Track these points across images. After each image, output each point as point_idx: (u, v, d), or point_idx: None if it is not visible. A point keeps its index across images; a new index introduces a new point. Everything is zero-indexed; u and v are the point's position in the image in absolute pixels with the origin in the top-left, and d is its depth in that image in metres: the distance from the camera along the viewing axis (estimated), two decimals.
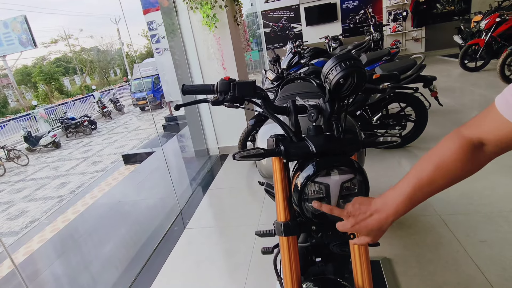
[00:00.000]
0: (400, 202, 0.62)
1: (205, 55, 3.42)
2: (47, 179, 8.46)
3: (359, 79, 0.80)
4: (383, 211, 0.63)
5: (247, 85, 0.87)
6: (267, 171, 1.14)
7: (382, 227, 0.64)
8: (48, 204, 6.92)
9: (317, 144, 0.78)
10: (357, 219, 0.65)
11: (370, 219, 0.64)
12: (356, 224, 0.65)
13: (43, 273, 2.63)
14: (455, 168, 0.58)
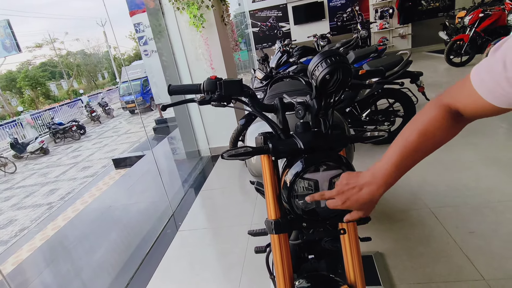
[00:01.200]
0: (389, 171, 0.63)
1: (193, 55, 3.40)
2: (35, 186, 8.29)
3: (344, 75, 0.80)
4: (373, 183, 0.64)
5: (233, 84, 0.86)
6: (256, 170, 1.14)
7: (373, 199, 0.65)
8: (37, 211, 6.78)
9: (305, 140, 0.78)
10: (347, 194, 0.65)
11: (361, 193, 0.65)
12: (347, 200, 0.65)
13: (33, 282, 2.58)
14: (437, 134, 0.61)
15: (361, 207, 0.66)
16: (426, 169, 2.52)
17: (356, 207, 0.66)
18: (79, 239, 3.24)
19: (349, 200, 0.65)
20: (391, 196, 2.22)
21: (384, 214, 2.04)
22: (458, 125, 0.62)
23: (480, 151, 2.57)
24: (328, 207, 0.69)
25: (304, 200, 0.78)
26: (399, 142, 0.64)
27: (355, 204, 0.65)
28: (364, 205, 0.66)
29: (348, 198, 0.65)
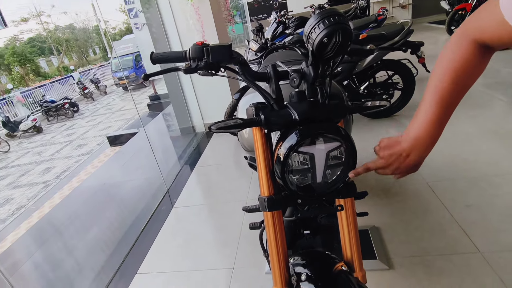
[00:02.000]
0: (432, 127, 0.59)
1: (185, 27, 3.23)
2: (30, 165, 8.24)
3: (344, 38, 0.72)
4: (418, 145, 0.61)
5: (221, 49, 0.78)
6: (249, 144, 1.08)
7: (422, 160, 0.63)
8: (34, 190, 6.76)
9: (300, 111, 0.71)
10: (396, 164, 0.63)
11: (409, 159, 0.62)
12: (397, 169, 0.64)
13: (30, 258, 2.58)
14: (470, 73, 0.57)
15: (412, 170, 0.65)
16: None
17: (407, 172, 0.65)
18: (75, 216, 3.23)
19: (399, 168, 0.63)
20: None
21: (381, 189, 2.01)
22: (486, 58, 0.57)
23: (479, 124, 2.52)
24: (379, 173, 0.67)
25: (299, 176, 0.73)
26: (433, 91, 0.58)
27: (405, 170, 0.64)
28: (415, 167, 0.64)
29: (397, 168, 0.63)
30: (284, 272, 0.78)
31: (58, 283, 2.21)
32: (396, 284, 1.36)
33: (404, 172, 0.65)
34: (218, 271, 1.65)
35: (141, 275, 1.76)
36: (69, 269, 2.33)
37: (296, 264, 0.81)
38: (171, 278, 1.68)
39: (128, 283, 1.70)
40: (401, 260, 1.47)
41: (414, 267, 1.43)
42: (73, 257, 2.47)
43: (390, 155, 0.63)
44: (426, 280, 1.35)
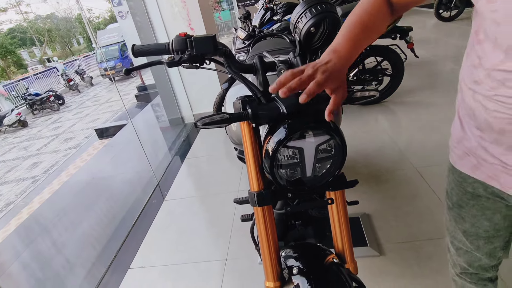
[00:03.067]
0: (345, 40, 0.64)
1: (170, 15, 3.14)
2: (17, 160, 8.06)
3: (332, 27, 0.70)
4: (336, 56, 0.61)
5: (205, 41, 0.75)
6: (238, 138, 1.06)
7: (341, 69, 0.61)
8: (22, 185, 6.64)
9: (288, 104, 0.69)
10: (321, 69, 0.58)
11: (330, 64, 0.59)
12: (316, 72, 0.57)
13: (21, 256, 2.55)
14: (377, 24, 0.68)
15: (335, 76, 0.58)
16: (413, 129, 2.50)
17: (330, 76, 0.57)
18: (64, 212, 3.19)
19: (320, 68, 0.57)
20: (379, 157, 2.21)
21: (371, 176, 2.03)
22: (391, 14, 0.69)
23: None
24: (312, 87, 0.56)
25: (289, 170, 0.72)
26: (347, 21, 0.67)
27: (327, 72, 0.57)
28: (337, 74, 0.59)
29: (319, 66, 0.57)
30: (276, 265, 0.77)
31: (49, 280, 2.19)
32: (387, 270, 1.39)
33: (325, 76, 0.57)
34: (211, 263, 1.66)
35: (133, 269, 1.75)
36: (60, 266, 2.31)
37: (287, 257, 0.81)
38: (164, 271, 1.68)
39: (121, 279, 1.69)
40: (391, 246, 1.50)
41: (404, 252, 1.45)
42: (65, 254, 2.44)
43: (314, 63, 0.59)
44: (415, 265, 1.38)
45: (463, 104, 0.67)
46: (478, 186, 0.69)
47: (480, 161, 0.65)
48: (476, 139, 0.64)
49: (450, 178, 0.77)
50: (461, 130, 0.69)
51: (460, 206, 0.76)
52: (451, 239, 0.83)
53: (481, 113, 0.60)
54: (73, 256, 2.35)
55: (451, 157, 0.76)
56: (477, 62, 0.59)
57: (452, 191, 0.77)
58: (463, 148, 0.69)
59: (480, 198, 0.70)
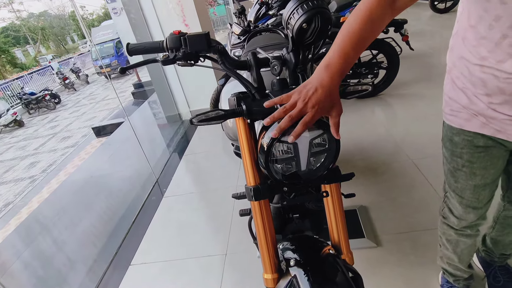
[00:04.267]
0: (342, 58, 0.64)
1: (164, 11, 3.13)
2: (15, 160, 8.03)
3: (323, 23, 0.71)
4: (329, 72, 0.63)
5: (199, 38, 0.76)
6: (234, 134, 1.07)
7: (333, 91, 0.63)
8: (20, 185, 6.63)
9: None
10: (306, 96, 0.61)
11: (319, 93, 0.61)
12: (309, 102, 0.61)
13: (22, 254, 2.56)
14: (378, 19, 0.67)
15: (327, 104, 0.62)
16: (410, 122, 2.52)
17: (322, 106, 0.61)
18: (64, 210, 3.20)
19: (310, 100, 0.61)
20: (375, 149, 2.23)
21: (368, 168, 2.05)
22: (393, 13, 0.69)
23: None
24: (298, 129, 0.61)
25: (284, 164, 0.73)
26: (342, 31, 0.66)
27: (318, 104, 0.61)
28: (329, 99, 0.63)
29: (309, 99, 0.61)
30: (273, 258, 0.79)
31: (51, 277, 2.21)
32: (384, 260, 1.41)
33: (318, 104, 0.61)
34: (212, 257, 1.68)
35: (134, 266, 1.77)
36: (62, 264, 2.33)
37: (285, 250, 0.83)
38: (165, 267, 1.70)
39: (122, 275, 1.71)
40: (388, 237, 1.52)
41: (401, 243, 1.48)
42: (66, 252, 2.46)
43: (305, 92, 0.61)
44: (412, 254, 1.41)
45: (467, 78, 0.76)
46: (486, 139, 0.81)
47: (488, 119, 0.76)
48: (485, 103, 0.74)
49: (457, 140, 0.87)
50: (466, 98, 0.79)
51: (471, 162, 0.86)
52: (460, 199, 0.95)
53: (493, 81, 0.69)
54: (74, 254, 2.36)
55: (455, 123, 0.85)
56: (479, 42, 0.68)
57: (462, 150, 0.87)
58: (470, 112, 0.79)
59: (489, 148, 0.82)
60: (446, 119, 0.88)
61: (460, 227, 1.01)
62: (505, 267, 1.23)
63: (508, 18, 0.61)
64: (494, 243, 1.18)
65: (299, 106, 0.61)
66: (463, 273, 1.14)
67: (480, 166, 0.86)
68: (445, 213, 1.05)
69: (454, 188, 0.95)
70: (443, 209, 1.07)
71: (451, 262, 1.13)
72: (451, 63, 0.83)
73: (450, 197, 0.99)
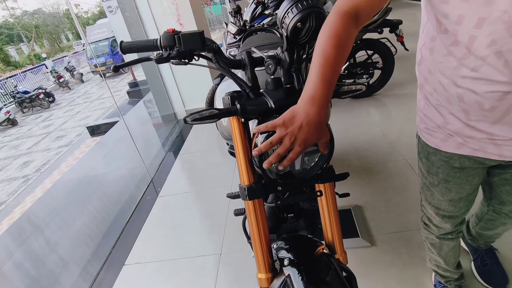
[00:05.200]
0: (324, 86, 0.62)
1: (159, 10, 3.11)
2: (7, 160, 7.95)
3: (318, 22, 0.71)
4: (314, 105, 0.61)
5: (193, 37, 0.75)
6: (228, 133, 1.07)
7: (322, 120, 0.62)
8: (13, 185, 6.55)
9: (275, 99, 0.71)
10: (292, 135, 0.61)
11: (306, 129, 0.61)
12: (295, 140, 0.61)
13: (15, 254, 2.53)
14: (347, 42, 0.66)
15: (314, 137, 0.62)
16: (405, 122, 2.53)
17: (309, 142, 0.62)
18: (57, 210, 3.17)
19: (297, 139, 0.60)
20: (370, 149, 2.24)
21: (363, 168, 2.06)
22: (357, 29, 0.68)
23: None
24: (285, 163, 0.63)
25: (278, 164, 0.73)
26: (320, 59, 0.64)
27: (305, 140, 0.61)
28: (316, 132, 0.62)
29: (295, 137, 0.60)
30: (267, 258, 0.79)
31: (44, 278, 2.19)
32: (378, 259, 1.42)
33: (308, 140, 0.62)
34: (206, 257, 1.67)
35: (128, 266, 1.76)
36: (55, 263, 2.30)
37: (279, 249, 0.83)
38: (159, 267, 1.69)
39: (116, 275, 1.70)
40: (382, 236, 1.53)
41: (395, 242, 1.48)
42: (59, 252, 2.44)
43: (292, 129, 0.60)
44: (406, 254, 1.42)
45: (442, 94, 0.72)
46: (464, 160, 0.79)
47: (465, 139, 0.74)
48: (461, 121, 0.72)
49: (433, 159, 0.86)
50: (441, 117, 0.76)
51: (446, 181, 0.86)
52: (436, 210, 0.96)
53: (470, 96, 0.65)
54: (67, 254, 2.34)
55: (432, 142, 0.83)
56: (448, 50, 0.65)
57: (438, 170, 0.86)
58: (446, 132, 0.77)
59: (465, 169, 0.82)
60: (422, 136, 0.87)
61: (440, 234, 1.03)
62: (491, 250, 1.28)
63: (473, 16, 0.56)
64: (478, 235, 1.21)
65: (285, 144, 0.61)
66: (452, 274, 1.16)
67: (455, 183, 0.85)
68: (424, 220, 1.07)
69: (430, 201, 0.96)
70: (422, 216, 1.08)
71: (439, 265, 1.15)
72: (423, 78, 0.79)
73: (427, 207, 1.00)
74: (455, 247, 1.07)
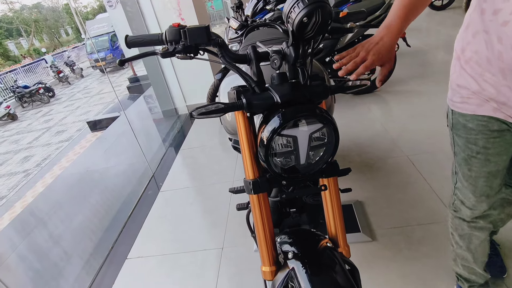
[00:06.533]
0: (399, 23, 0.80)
1: (161, 4, 3.10)
2: (8, 154, 7.95)
3: (324, 17, 0.71)
4: (389, 31, 0.80)
5: (199, 31, 0.75)
6: (232, 127, 1.07)
7: (392, 45, 0.81)
8: (13, 180, 6.57)
9: (281, 93, 0.71)
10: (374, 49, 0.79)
11: (383, 42, 0.80)
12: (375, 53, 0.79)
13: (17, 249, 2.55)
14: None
15: (385, 55, 0.80)
16: (405, 118, 2.54)
17: (380, 56, 0.80)
18: (59, 205, 3.18)
19: (372, 50, 0.79)
20: (371, 146, 2.25)
21: (364, 164, 2.07)
22: None
23: None
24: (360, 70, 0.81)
25: (283, 158, 0.74)
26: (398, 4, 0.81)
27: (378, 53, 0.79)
28: (387, 53, 0.80)
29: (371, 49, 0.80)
30: (272, 251, 0.80)
31: (47, 271, 2.20)
32: (379, 254, 1.43)
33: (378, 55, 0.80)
34: (208, 251, 1.69)
35: (131, 260, 1.77)
36: (57, 258, 2.32)
37: (283, 243, 0.84)
38: (161, 261, 1.71)
39: (119, 269, 1.71)
40: (383, 231, 1.54)
41: (395, 237, 1.50)
42: (61, 246, 2.45)
43: (368, 45, 0.80)
44: (406, 249, 1.43)
45: (482, 55, 0.77)
46: (500, 123, 0.82)
47: (500, 105, 0.78)
48: (498, 85, 0.75)
49: (471, 126, 0.87)
50: (476, 84, 0.81)
51: (486, 148, 0.87)
52: (473, 189, 0.95)
53: (509, 53, 0.68)
54: (70, 248, 2.36)
55: (468, 109, 0.85)
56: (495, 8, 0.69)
57: (477, 136, 0.87)
58: (481, 97, 0.81)
59: (504, 132, 0.83)
60: (456, 107, 0.88)
61: (472, 218, 1.00)
62: (493, 244, 1.27)
63: None
64: None
65: (362, 54, 0.80)
66: (478, 278, 1.12)
67: (494, 152, 0.86)
68: (456, 206, 1.04)
69: (468, 178, 0.94)
70: (453, 202, 1.05)
71: (466, 264, 1.10)
72: (461, 47, 0.83)
73: (462, 187, 0.98)
74: (484, 241, 1.04)
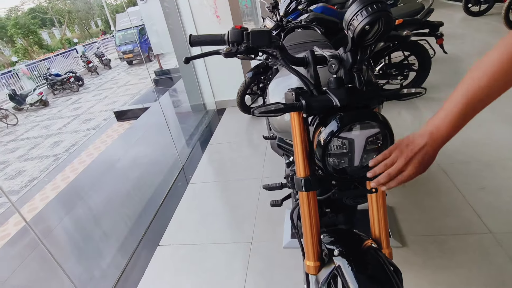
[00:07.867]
0: (455, 121, 0.59)
1: (197, 2, 3.17)
2: (39, 138, 8.35)
3: (386, 25, 0.74)
4: (436, 137, 0.61)
5: (262, 34, 0.80)
6: (280, 126, 1.11)
7: (434, 157, 0.63)
8: (44, 163, 6.90)
9: (340, 97, 0.74)
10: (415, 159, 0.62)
11: (424, 151, 0.62)
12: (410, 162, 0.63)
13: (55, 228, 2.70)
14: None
15: (426, 168, 0.64)
16: None
17: (421, 169, 0.64)
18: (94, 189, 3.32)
19: (412, 161, 0.63)
20: None
21: None
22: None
23: (495, 107, 2.51)
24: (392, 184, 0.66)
25: (336, 159, 0.77)
26: (466, 88, 0.57)
27: (418, 166, 0.63)
28: (428, 165, 0.64)
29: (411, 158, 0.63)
30: (317, 247, 0.84)
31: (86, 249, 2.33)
32: (410, 260, 1.44)
33: (418, 167, 0.63)
34: (237, 244, 1.74)
35: (162, 246, 1.85)
36: (95, 237, 2.45)
37: (326, 240, 0.87)
38: (192, 250, 1.78)
39: (151, 254, 1.80)
40: (414, 238, 1.54)
41: (427, 245, 1.49)
42: (98, 227, 2.59)
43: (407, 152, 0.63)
44: (438, 257, 1.42)
45: None
46: None
47: None
48: None
49: None
50: None
51: None
52: None
53: None
54: (106, 229, 2.48)
55: None
56: None
57: None
58: None
59: None
60: None
61: None
62: None
63: None
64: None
65: (399, 164, 0.63)
66: None
67: None
68: None
69: None
70: None
71: None
72: None
73: None
74: None
